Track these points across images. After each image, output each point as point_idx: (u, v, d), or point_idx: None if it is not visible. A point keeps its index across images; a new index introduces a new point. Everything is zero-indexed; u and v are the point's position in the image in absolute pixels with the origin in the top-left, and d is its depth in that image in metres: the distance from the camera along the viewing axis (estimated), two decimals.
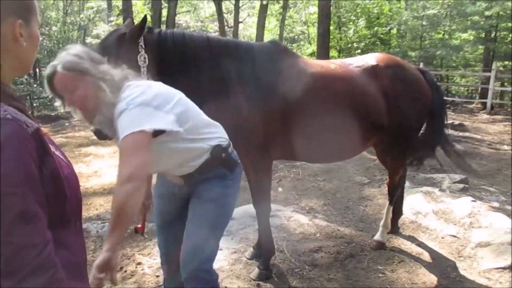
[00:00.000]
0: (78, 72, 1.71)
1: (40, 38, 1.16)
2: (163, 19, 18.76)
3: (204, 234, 2.04)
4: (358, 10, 21.85)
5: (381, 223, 3.84)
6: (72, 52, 1.74)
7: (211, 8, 27.92)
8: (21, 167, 0.93)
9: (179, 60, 2.73)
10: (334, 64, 3.38)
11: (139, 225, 2.35)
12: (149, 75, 2.56)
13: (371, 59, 3.48)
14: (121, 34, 2.57)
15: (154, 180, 2.41)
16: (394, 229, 4.00)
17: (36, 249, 0.94)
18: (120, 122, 1.69)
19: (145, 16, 2.77)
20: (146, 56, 2.56)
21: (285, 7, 24.16)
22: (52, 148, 1.08)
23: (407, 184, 4.47)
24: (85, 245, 1.19)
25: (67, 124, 13.72)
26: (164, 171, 2.12)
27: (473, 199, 4.58)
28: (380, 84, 3.31)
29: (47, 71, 1.73)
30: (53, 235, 1.00)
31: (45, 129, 1.09)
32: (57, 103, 1.86)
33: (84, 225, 4.19)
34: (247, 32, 31.73)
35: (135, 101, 1.71)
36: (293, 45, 28.90)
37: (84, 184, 6.09)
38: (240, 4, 23.90)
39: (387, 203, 3.87)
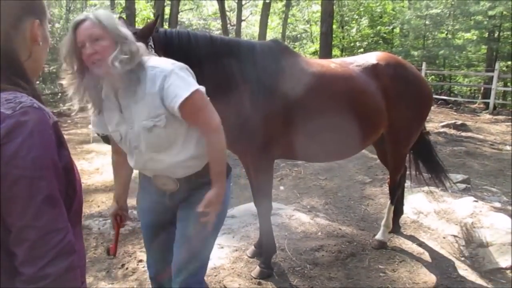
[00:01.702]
0: (107, 26, 1.67)
1: None
2: (166, 17, 18.78)
3: (200, 243, 1.97)
4: (361, 9, 21.84)
5: (383, 222, 3.84)
6: (103, 11, 1.75)
7: (213, 6, 27.92)
8: (48, 153, 0.97)
9: (184, 59, 2.72)
10: (335, 63, 3.39)
11: (111, 245, 2.14)
12: None
13: (372, 58, 3.47)
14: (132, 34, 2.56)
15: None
16: (395, 228, 4.00)
17: (60, 233, 0.96)
18: (174, 81, 1.70)
19: (158, 16, 2.77)
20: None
21: (288, 6, 24.16)
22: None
23: (408, 183, 4.46)
24: (85, 250, 1.19)
25: (69, 121, 13.74)
26: (179, 161, 1.87)
27: (475, 199, 4.57)
28: (380, 83, 3.31)
29: (77, 18, 1.69)
30: None
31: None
32: (63, 79, 1.74)
33: (86, 222, 4.20)
34: (250, 30, 31.75)
35: (177, 65, 1.77)
36: (296, 43, 28.91)
37: (86, 181, 6.10)
38: (243, 2, 23.91)
39: (388, 202, 3.87)
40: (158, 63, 1.78)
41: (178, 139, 1.83)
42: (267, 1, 19.26)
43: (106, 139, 2.14)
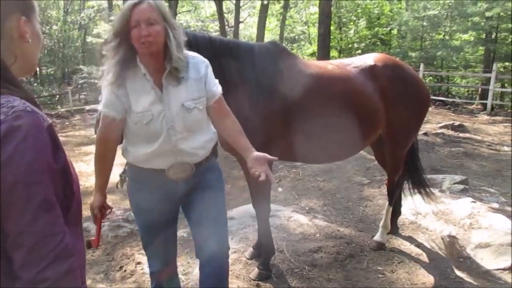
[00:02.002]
0: (163, 13, 1.83)
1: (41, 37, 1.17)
2: None
3: (223, 223, 2.15)
4: (359, 11, 21.89)
5: (381, 223, 3.84)
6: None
7: (211, 7, 27.92)
8: (43, 157, 0.96)
9: None
10: (332, 64, 3.39)
11: (93, 238, 2.08)
12: None
13: (369, 59, 3.48)
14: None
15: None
16: (394, 229, 4.00)
17: (57, 237, 0.96)
18: (212, 72, 2.04)
19: None
20: None
21: (285, 7, 24.18)
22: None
23: (406, 184, 4.46)
24: (85, 251, 1.18)
25: (67, 123, 13.74)
26: (204, 141, 2.06)
27: (473, 200, 4.57)
28: (378, 84, 3.31)
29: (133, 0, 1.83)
30: None
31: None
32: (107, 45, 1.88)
33: (84, 224, 4.19)
34: (248, 32, 31.76)
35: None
36: (294, 45, 28.95)
37: (84, 183, 6.09)
38: (241, 4, 23.90)
39: (387, 203, 3.87)
40: (195, 54, 2.04)
41: (204, 122, 2.05)
42: (265, 2, 19.27)
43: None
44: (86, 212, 4.74)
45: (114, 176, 2.27)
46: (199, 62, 1.98)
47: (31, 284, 0.92)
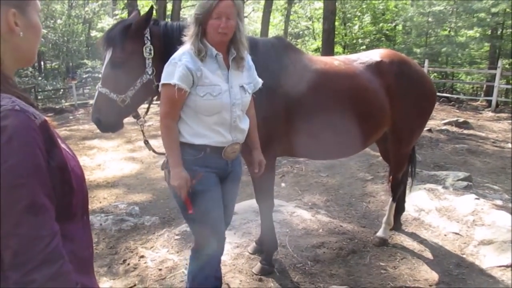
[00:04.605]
0: (238, 11, 2.18)
1: (45, 31, 1.15)
2: (168, 13, 18.77)
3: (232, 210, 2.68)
4: (364, 6, 21.79)
5: (384, 219, 3.84)
6: None
7: None
8: (29, 159, 0.93)
9: None
10: (338, 60, 3.37)
11: (189, 207, 2.24)
12: (154, 67, 2.55)
13: (376, 55, 3.46)
14: (127, 25, 2.55)
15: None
16: (397, 225, 4.00)
17: (44, 240, 0.94)
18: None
19: (152, 6, 2.72)
20: (152, 48, 2.54)
21: (290, 2, 24.11)
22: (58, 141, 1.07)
23: (410, 180, 4.45)
24: (92, 240, 1.18)
25: (71, 117, 13.78)
26: (248, 124, 2.43)
27: (477, 196, 4.56)
28: (384, 81, 3.29)
29: None
30: (59, 228, 0.99)
31: (49, 118, 1.08)
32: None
33: None
34: (252, 27, 31.68)
35: None
36: (298, 40, 28.86)
37: (88, 177, 6.11)
38: None
39: (390, 199, 3.87)
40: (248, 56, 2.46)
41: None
42: None
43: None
44: (89, 205, 4.77)
45: (116, 174, 2.28)
46: (248, 55, 2.36)
47: (19, 285, 0.92)
